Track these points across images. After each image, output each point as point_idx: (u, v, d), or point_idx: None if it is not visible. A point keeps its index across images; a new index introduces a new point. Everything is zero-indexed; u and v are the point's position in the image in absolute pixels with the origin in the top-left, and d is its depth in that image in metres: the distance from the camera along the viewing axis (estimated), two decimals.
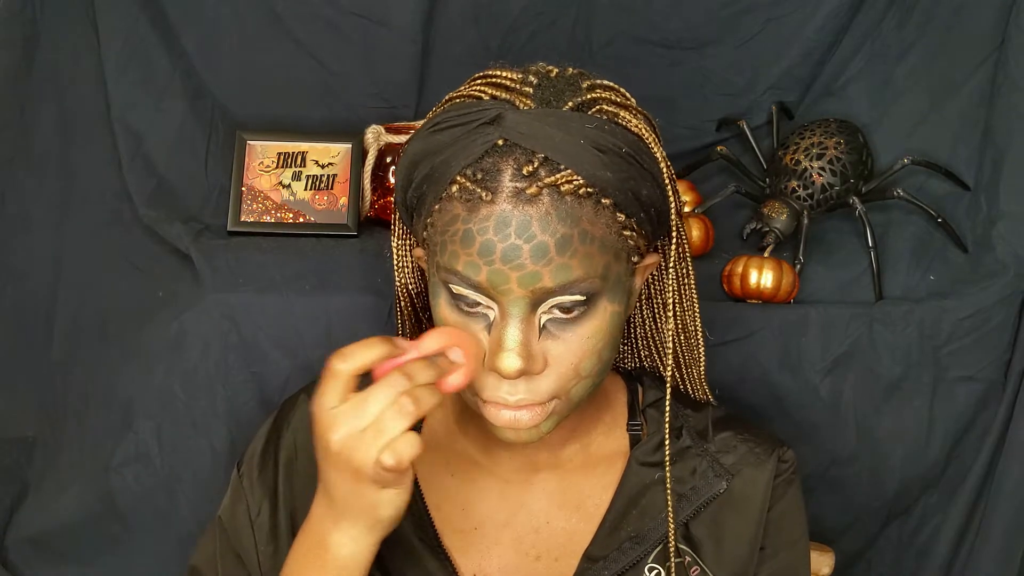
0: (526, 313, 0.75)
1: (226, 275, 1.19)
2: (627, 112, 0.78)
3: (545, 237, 0.73)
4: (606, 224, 0.76)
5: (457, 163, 0.75)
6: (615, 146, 0.76)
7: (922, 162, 1.33)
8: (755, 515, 0.89)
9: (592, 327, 0.77)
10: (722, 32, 1.41)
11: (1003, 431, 1.23)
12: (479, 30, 1.36)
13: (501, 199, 0.74)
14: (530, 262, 0.73)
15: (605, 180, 0.75)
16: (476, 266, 0.74)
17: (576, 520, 0.88)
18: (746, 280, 1.22)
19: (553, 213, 0.73)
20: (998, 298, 1.22)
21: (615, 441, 0.91)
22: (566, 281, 0.74)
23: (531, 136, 0.74)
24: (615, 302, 0.79)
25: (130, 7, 1.28)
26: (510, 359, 0.74)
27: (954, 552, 1.28)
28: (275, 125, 1.33)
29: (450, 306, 0.78)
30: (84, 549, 1.25)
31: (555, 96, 0.77)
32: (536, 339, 0.76)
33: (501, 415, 0.78)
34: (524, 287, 0.74)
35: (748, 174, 1.39)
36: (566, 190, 0.74)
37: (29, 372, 1.26)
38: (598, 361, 0.79)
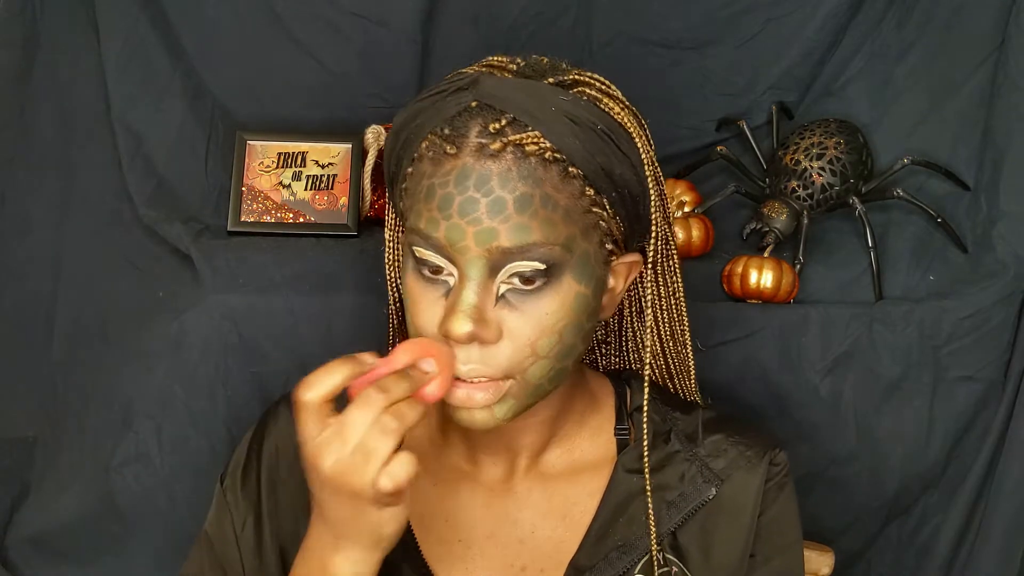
0: (483, 277, 0.74)
1: (226, 275, 1.19)
2: (611, 100, 0.78)
3: (504, 193, 0.73)
4: (572, 195, 0.75)
5: (430, 124, 0.76)
6: (588, 120, 0.75)
7: (922, 162, 1.33)
8: (746, 521, 0.86)
9: (553, 303, 0.75)
10: (722, 32, 1.41)
11: (1003, 431, 1.23)
12: (479, 30, 1.36)
13: (465, 153, 0.74)
14: (486, 217, 0.72)
15: (573, 148, 0.74)
16: (435, 222, 0.74)
17: (562, 529, 0.86)
18: (746, 280, 1.22)
19: (515, 170, 0.73)
20: (998, 298, 1.22)
21: (601, 447, 0.89)
22: (523, 242, 0.73)
23: (503, 99, 0.75)
24: (581, 283, 0.76)
25: (130, 7, 1.28)
26: (460, 321, 0.73)
27: (954, 552, 1.28)
28: (275, 125, 1.33)
29: (414, 274, 0.77)
30: (84, 549, 1.25)
31: (536, 73, 0.78)
32: (491, 306, 0.74)
33: (455, 392, 0.75)
34: (480, 244, 0.73)
35: (748, 174, 1.39)
36: (531, 150, 0.73)
37: (29, 372, 1.26)
38: (558, 341, 0.76)
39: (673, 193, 1.35)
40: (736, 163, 1.38)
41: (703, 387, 0.97)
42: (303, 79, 1.35)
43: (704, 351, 0.92)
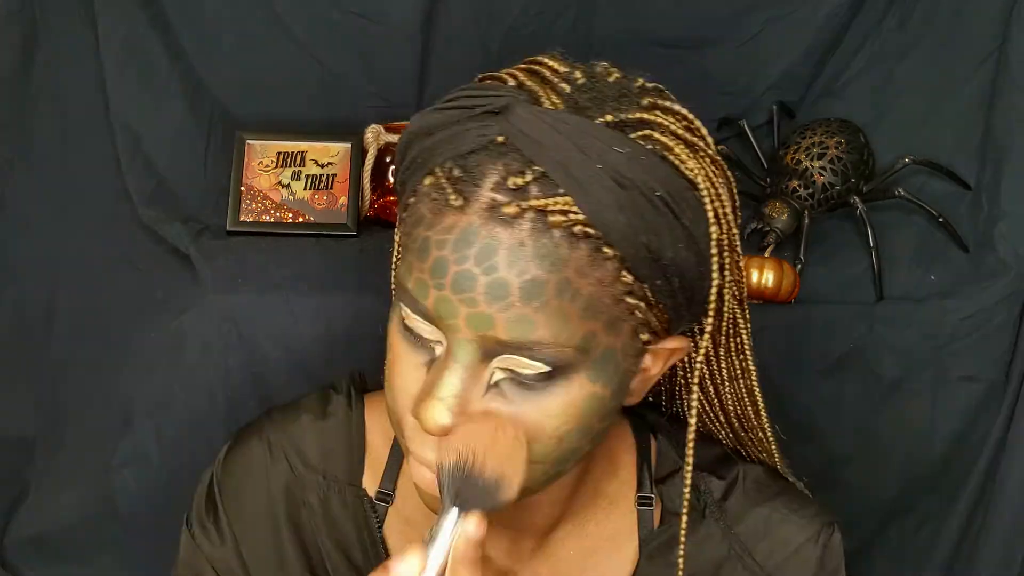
0: (474, 361, 0.59)
1: (226, 275, 1.19)
2: (687, 151, 0.61)
3: (510, 275, 0.56)
4: (602, 282, 0.58)
5: (442, 152, 0.60)
6: (645, 185, 0.58)
7: (923, 162, 1.33)
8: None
9: (557, 405, 0.60)
10: (723, 31, 1.41)
11: (1004, 432, 1.23)
12: (479, 30, 1.36)
13: (472, 210, 0.58)
14: (483, 301, 0.57)
15: (613, 222, 0.57)
16: (425, 287, 0.59)
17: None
18: (747, 280, 1.22)
19: (530, 246, 0.57)
20: (999, 298, 1.22)
21: (619, 518, 0.75)
22: (524, 340, 0.57)
23: (535, 142, 0.57)
24: (598, 383, 0.61)
25: (129, 6, 1.28)
26: (435, 411, 0.58)
27: (954, 553, 1.28)
28: (274, 125, 1.33)
29: (398, 328, 0.63)
30: (84, 549, 1.25)
31: (594, 103, 0.61)
32: (479, 395, 0.59)
33: (421, 473, 0.62)
34: (473, 329, 0.58)
35: (749, 174, 1.39)
36: (555, 221, 0.57)
37: (29, 372, 1.26)
38: (557, 447, 0.61)
39: None
40: (737, 163, 1.38)
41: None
42: (303, 78, 1.35)
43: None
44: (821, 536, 0.75)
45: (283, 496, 0.77)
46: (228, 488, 0.77)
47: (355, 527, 0.76)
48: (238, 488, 0.77)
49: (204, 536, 0.78)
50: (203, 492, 0.79)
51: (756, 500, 0.75)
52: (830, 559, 0.76)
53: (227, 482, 0.77)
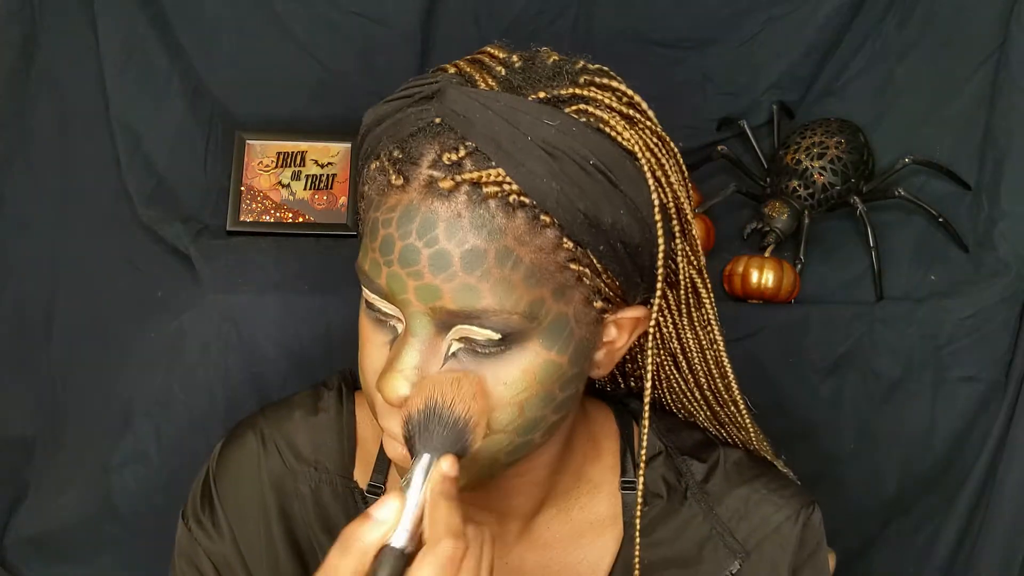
0: (430, 334, 0.61)
1: (225, 275, 1.19)
2: (623, 123, 0.63)
3: (450, 246, 0.59)
4: (543, 249, 0.61)
5: (387, 139, 0.63)
6: (576, 153, 0.60)
7: (923, 162, 1.33)
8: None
9: (513, 372, 0.62)
10: (723, 31, 1.41)
11: (1004, 431, 1.23)
12: (479, 30, 1.36)
13: (412, 188, 0.61)
14: (428, 272, 0.60)
15: (546, 191, 0.60)
16: (377, 266, 0.62)
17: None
18: (747, 280, 1.22)
19: (466, 217, 0.59)
20: (999, 298, 1.22)
21: (603, 502, 0.76)
22: (471, 308, 0.60)
23: (466, 120, 0.60)
24: (553, 349, 0.62)
25: (129, 6, 1.28)
26: (394, 382, 0.61)
27: (954, 553, 1.28)
28: (274, 124, 1.33)
29: (365, 311, 0.66)
30: (83, 549, 1.25)
31: (527, 82, 0.63)
32: (437, 367, 0.62)
33: (392, 447, 0.65)
34: (422, 301, 0.60)
35: (749, 174, 1.39)
36: (489, 192, 0.59)
37: (29, 372, 1.26)
38: (519, 415, 0.63)
39: None
40: (737, 162, 1.38)
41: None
42: (302, 78, 1.35)
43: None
44: (801, 515, 0.76)
45: (275, 488, 0.78)
46: (223, 481, 0.78)
47: (346, 518, 0.76)
48: (233, 481, 0.78)
49: (201, 530, 0.78)
50: (199, 486, 0.80)
51: (736, 482, 0.76)
52: (810, 537, 0.76)
53: (222, 475, 0.78)
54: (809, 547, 0.76)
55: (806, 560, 0.76)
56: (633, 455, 0.77)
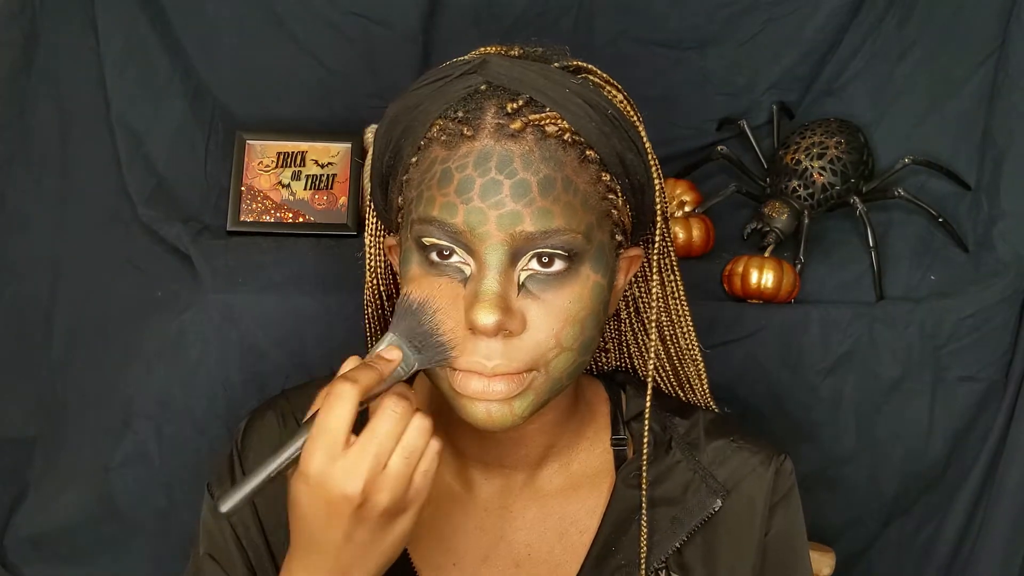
0: (504, 265, 0.69)
1: (226, 275, 1.19)
2: (613, 88, 0.76)
3: (527, 175, 0.69)
4: (591, 179, 0.72)
5: (437, 107, 0.72)
6: (601, 104, 0.73)
7: (923, 162, 1.33)
8: (752, 538, 0.82)
9: (574, 292, 0.71)
10: (723, 32, 1.41)
11: (1004, 431, 1.23)
12: (479, 30, 1.36)
13: (483, 135, 0.70)
14: (510, 200, 0.69)
15: (591, 131, 0.72)
16: (453, 207, 0.69)
17: (560, 550, 0.81)
18: (747, 280, 1.22)
19: (536, 152, 0.70)
20: (999, 298, 1.22)
21: (598, 457, 0.84)
22: (547, 228, 0.69)
23: (516, 79, 0.71)
24: (599, 272, 0.73)
25: (130, 7, 1.28)
26: (486, 310, 0.68)
27: (954, 552, 1.28)
28: (275, 125, 1.33)
29: (421, 266, 0.72)
30: (83, 549, 1.25)
31: (541, 58, 0.76)
32: (515, 295, 0.70)
33: (472, 384, 0.70)
34: (503, 229, 0.69)
35: (749, 174, 1.39)
36: (551, 131, 0.71)
37: (29, 372, 1.26)
38: (581, 332, 0.72)
39: (674, 193, 1.35)
40: (737, 163, 1.38)
41: None
42: (303, 79, 1.35)
43: (708, 352, 0.87)
44: (773, 462, 0.83)
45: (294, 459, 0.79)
46: (246, 453, 0.83)
47: None
48: (255, 453, 0.83)
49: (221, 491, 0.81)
50: (224, 460, 0.84)
51: (715, 435, 0.84)
52: (782, 482, 0.83)
53: (245, 448, 0.83)
54: (782, 489, 0.83)
55: (780, 501, 0.83)
56: (622, 415, 0.85)
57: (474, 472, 0.82)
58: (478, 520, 0.82)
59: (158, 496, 1.21)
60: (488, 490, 0.82)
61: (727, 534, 0.82)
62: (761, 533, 0.82)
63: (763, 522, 0.82)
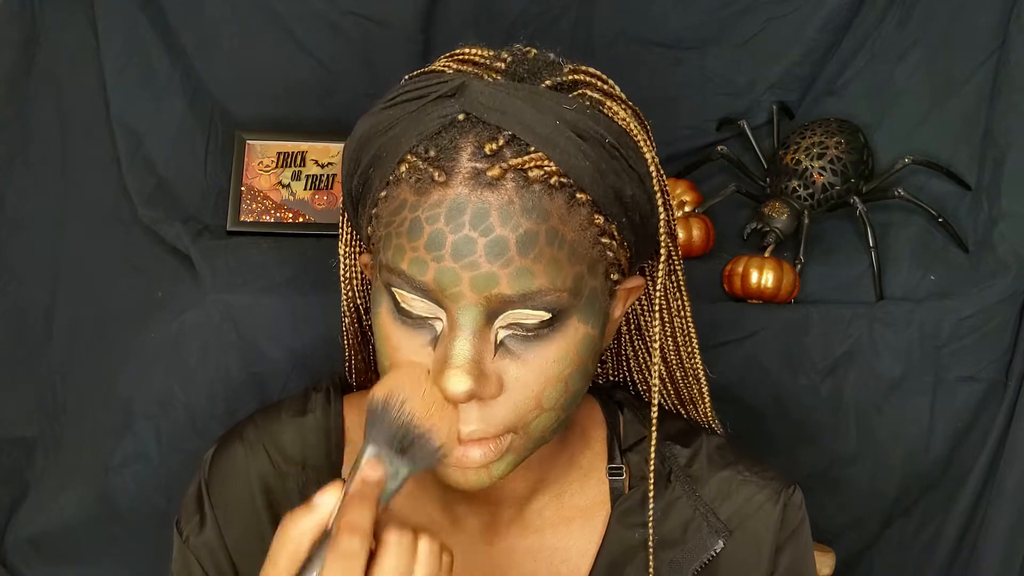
0: (479, 325, 0.62)
1: (226, 275, 1.19)
2: (614, 102, 0.67)
3: (505, 232, 0.61)
4: (580, 226, 0.64)
5: (408, 139, 0.63)
6: (596, 133, 0.64)
7: (923, 162, 1.33)
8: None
9: (559, 349, 0.64)
10: (723, 32, 1.41)
11: (1004, 431, 1.23)
12: (479, 30, 1.36)
13: (456, 182, 0.62)
14: (485, 260, 0.61)
15: (582, 170, 0.63)
16: (423, 263, 0.62)
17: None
18: (747, 280, 1.22)
19: (517, 203, 0.61)
20: (999, 298, 1.22)
21: (592, 488, 0.78)
22: (527, 290, 0.62)
23: (497, 110, 0.62)
24: (589, 323, 0.66)
25: (129, 7, 1.28)
26: (457, 378, 0.61)
27: (955, 553, 1.28)
28: (275, 125, 1.33)
29: (391, 316, 0.65)
30: (83, 549, 1.25)
31: (530, 73, 0.66)
32: (490, 357, 0.63)
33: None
34: (477, 291, 0.61)
35: (749, 174, 1.39)
36: (534, 176, 0.62)
37: (29, 372, 1.26)
38: (564, 391, 0.66)
39: (674, 193, 1.35)
40: (737, 163, 1.38)
41: None
42: (303, 78, 1.35)
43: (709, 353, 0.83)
44: (782, 495, 0.77)
45: (263, 488, 0.78)
46: (214, 485, 0.79)
47: None
48: (222, 484, 0.79)
49: (188, 529, 0.79)
50: (192, 493, 0.80)
51: (719, 465, 0.78)
52: (791, 516, 0.78)
53: (213, 480, 0.79)
54: (791, 526, 0.77)
55: (788, 538, 0.77)
56: (619, 443, 0.79)
57: (460, 506, 0.77)
58: (464, 556, 0.76)
59: (158, 496, 1.21)
60: (475, 524, 0.77)
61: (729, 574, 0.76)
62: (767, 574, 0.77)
63: (769, 562, 0.77)
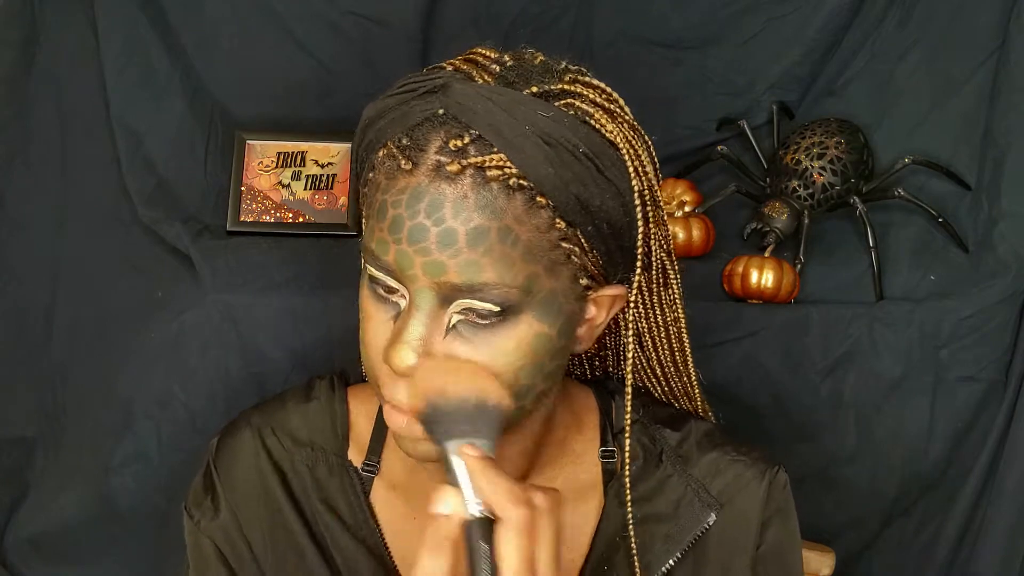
0: (433, 307, 0.67)
1: (226, 275, 1.19)
2: (606, 116, 0.69)
3: (455, 224, 0.65)
4: (539, 228, 0.67)
5: (394, 129, 0.68)
6: (568, 142, 0.67)
7: (923, 162, 1.33)
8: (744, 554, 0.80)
9: (509, 342, 0.67)
10: (723, 32, 1.41)
11: (1004, 431, 1.23)
12: (479, 30, 1.36)
13: (420, 172, 0.66)
14: (435, 248, 0.65)
15: (543, 175, 0.66)
16: (385, 244, 0.67)
17: None
18: (747, 280, 1.22)
19: (471, 198, 0.65)
20: (999, 298, 1.22)
21: (584, 471, 0.81)
22: (474, 282, 0.65)
23: (470, 110, 0.66)
24: (544, 322, 0.68)
25: (129, 7, 1.28)
26: (402, 352, 0.66)
27: (955, 553, 1.28)
28: (275, 125, 1.33)
29: (368, 290, 0.70)
30: (83, 549, 1.25)
31: (521, 78, 0.69)
32: (440, 338, 0.67)
33: (393, 418, 0.70)
34: (429, 276, 0.66)
35: (749, 174, 1.39)
36: (492, 176, 0.65)
37: (29, 372, 1.26)
38: (514, 382, 0.68)
39: (674, 193, 1.35)
40: (737, 163, 1.38)
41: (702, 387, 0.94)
42: (303, 78, 1.35)
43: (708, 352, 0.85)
44: (767, 474, 0.81)
45: (273, 470, 0.81)
46: (222, 468, 0.82)
47: (342, 491, 0.81)
48: (231, 467, 0.82)
49: (200, 512, 0.82)
50: (199, 478, 0.83)
51: (707, 447, 0.82)
52: (776, 494, 0.81)
53: (221, 463, 0.82)
54: (776, 503, 0.81)
55: (774, 514, 0.81)
56: (612, 427, 0.83)
57: None
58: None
59: (158, 496, 1.21)
60: None
61: (718, 551, 0.79)
62: (753, 548, 0.80)
63: (756, 537, 0.80)
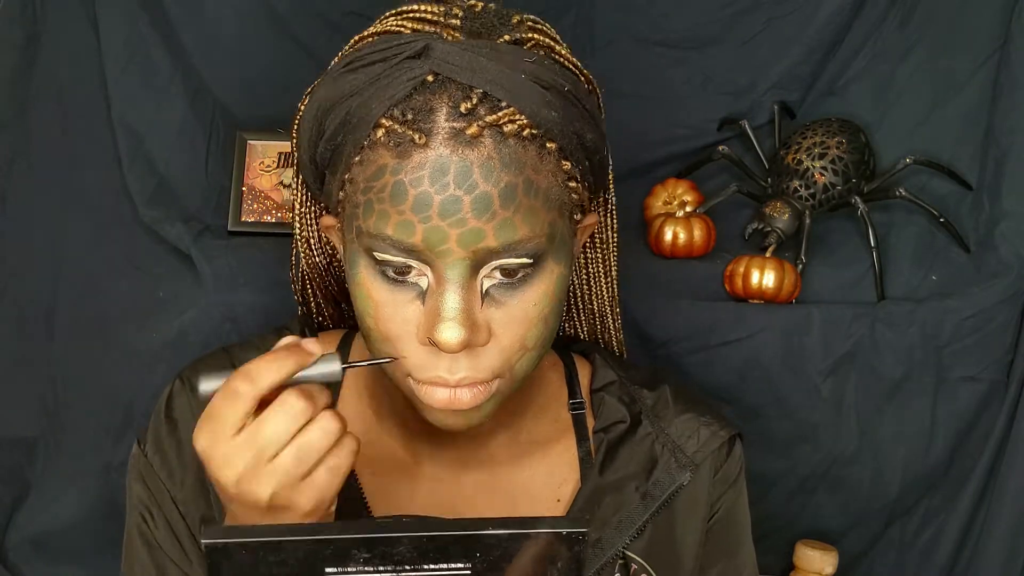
0: (466, 278, 0.66)
1: (226, 275, 1.19)
2: (560, 47, 0.71)
3: (488, 187, 0.64)
4: (551, 173, 0.67)
5: (380, 104, 0.65)
6: (556, 83, 0.67)
7: (924, 162, 1.33)
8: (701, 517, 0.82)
9: (539, 291, 0.68)
10: (724, 31, 1.41)
11: (1006, 431, 1.23)
12: None
13: (437, 142, 0.64)
14: (472, 217, 0.64)
15: (550, 120, 0.66)
16: (410, 225, 0.64)
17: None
18: (748, 280, 1.22)
19: (496, 158, 0.64)
20: (1001, 298, 1.22)
21: (548, 424, 0.83)
22: (511, 240, 0.65)
23: (466, 68, 0.65)
24: (561, 263, 0.70)
25: (130, 6, 1.28)
26: (451, 330, 0.65)
27: (956, 553, 1.28)
28: (276, 124, 1.33)
29: (373, 276, 0.68)
30: (84, 549, 1.25)
31: (486, 29, 0.68)
32: (479, 307, 0.67)
33: (437, 394, 0.69)
34: (465, 247, 0.65)
35: (750, 174, 1.39)
36: (509, 131, 0.65)
37: (29, 372, 1.26)
38: (544, 329, 0.70)
39: (675, 193, 1.35)
40: (738, 163, 1.38)
41: (704, 387, 0.95)
42: (303, 78, 1.34)
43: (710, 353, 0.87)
44: (725, 447, 0.83)
45: None
46: (179, 420, 0.81)
47: None
48: (190, 400, 0.81)
49: (161, 462, 0.81)
50: (161, 407, 0.82)
51: (680, 408, 0.84)
52: (732, 465, 0.84)
53: (176, 398, 0.81)
54: (732, 472, 0.84)
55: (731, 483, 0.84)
56: (577, 381, 0.85)
57: (422, 444, 0.80)
58: (430, 491, 0.80)
59: None
60: (437, 462, 0.81)
61: (683, 511, 0.81)
62: (709, 513, 0.82)
63: (711, 502, 0.82)
